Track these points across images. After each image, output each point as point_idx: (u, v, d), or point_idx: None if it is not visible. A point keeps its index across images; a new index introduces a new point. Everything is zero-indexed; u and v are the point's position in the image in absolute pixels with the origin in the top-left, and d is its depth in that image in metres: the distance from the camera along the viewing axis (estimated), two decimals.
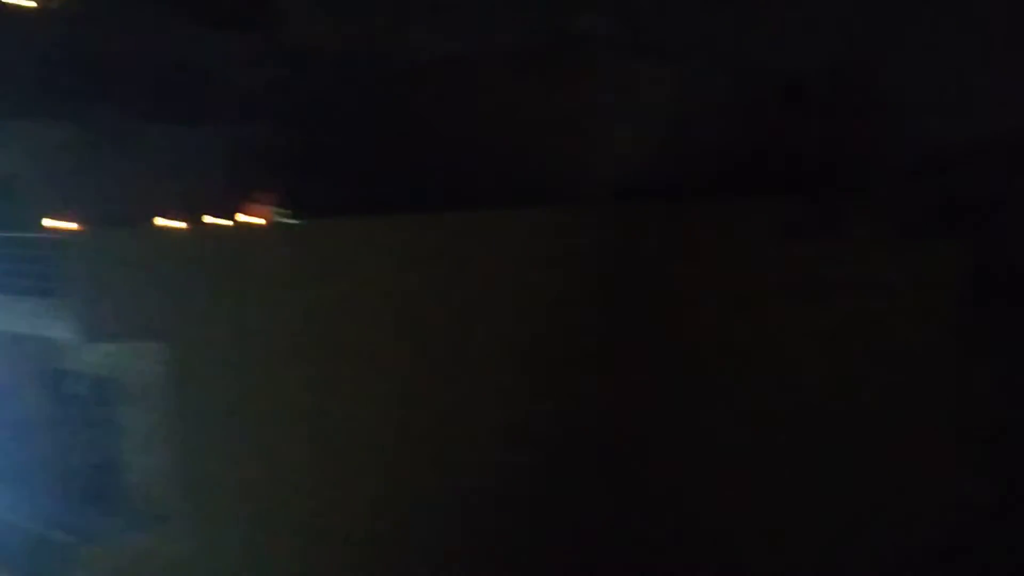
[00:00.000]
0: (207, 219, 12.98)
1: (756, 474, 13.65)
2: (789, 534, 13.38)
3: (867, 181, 14.09)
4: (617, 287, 14.21)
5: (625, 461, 14.35)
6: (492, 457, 13.33)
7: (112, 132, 14.51)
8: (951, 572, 12.42)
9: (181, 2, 16.26)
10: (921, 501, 12.90)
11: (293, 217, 13.74)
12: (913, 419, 12.85)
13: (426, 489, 12.92)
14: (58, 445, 12.93)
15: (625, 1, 16.27)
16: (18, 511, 11.63)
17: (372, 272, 12.66)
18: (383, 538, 12.62)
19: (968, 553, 12.35)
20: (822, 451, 13.14)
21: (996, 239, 13.06)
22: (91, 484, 12.36)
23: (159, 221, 11.99)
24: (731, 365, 13.86)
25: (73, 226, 11.62)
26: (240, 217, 13.24)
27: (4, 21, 14.82)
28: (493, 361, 13.56)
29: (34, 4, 15.12)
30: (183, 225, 12.13)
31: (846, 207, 13.48)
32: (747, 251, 13.80)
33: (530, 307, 13.83)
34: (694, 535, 14.10)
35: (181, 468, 11.18)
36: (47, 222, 11.59)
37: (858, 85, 15.28)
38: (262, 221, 13.05)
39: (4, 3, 14.78)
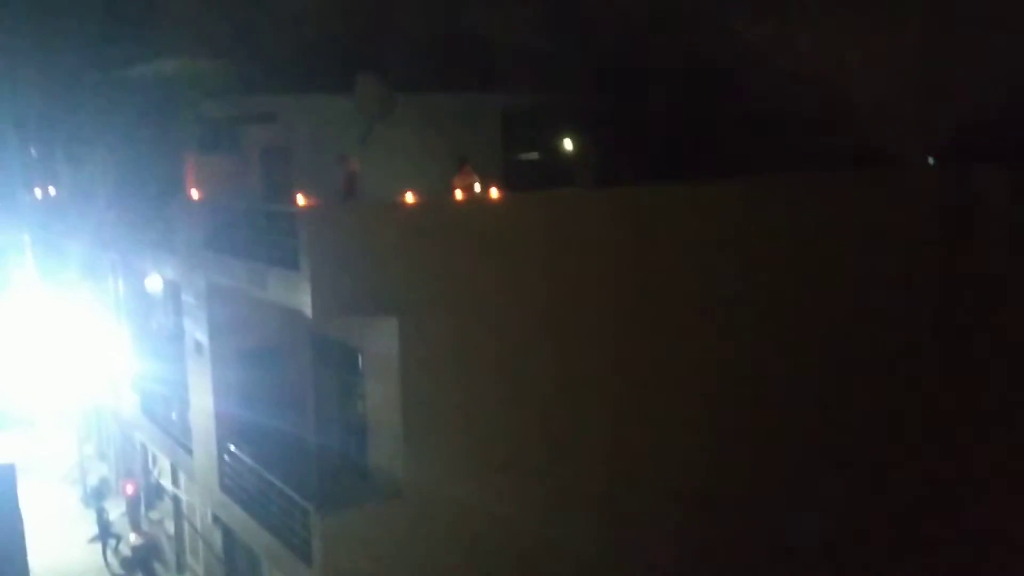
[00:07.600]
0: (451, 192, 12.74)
1: None
2: None
3: None
4: None
5: None
6: None
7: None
8: None
9: None
10: None
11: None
12: None
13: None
14: (315, 412, 13.59)
15: None
16: (275, 472, 12.27)
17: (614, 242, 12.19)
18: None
19: None
20: None
21: None
22: (338, 458, 12.81)
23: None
24: None
25: (318, 201, 11.82)
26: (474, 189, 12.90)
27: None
28: None
29: None
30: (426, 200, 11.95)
31: None
32: None
33: None
34: None
35: (414, 448, 11.20)
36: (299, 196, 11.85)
37: None
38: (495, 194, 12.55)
39: None
